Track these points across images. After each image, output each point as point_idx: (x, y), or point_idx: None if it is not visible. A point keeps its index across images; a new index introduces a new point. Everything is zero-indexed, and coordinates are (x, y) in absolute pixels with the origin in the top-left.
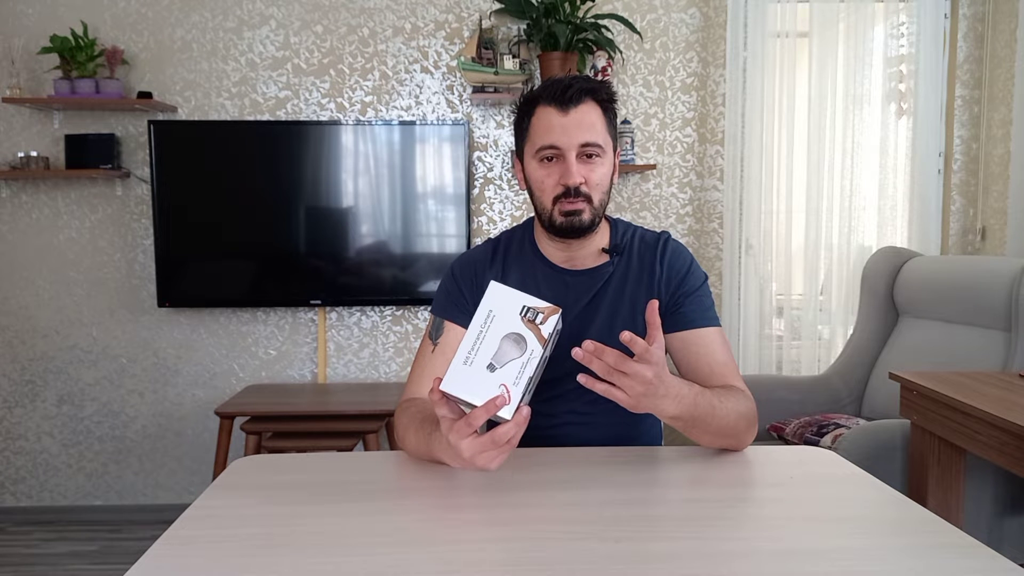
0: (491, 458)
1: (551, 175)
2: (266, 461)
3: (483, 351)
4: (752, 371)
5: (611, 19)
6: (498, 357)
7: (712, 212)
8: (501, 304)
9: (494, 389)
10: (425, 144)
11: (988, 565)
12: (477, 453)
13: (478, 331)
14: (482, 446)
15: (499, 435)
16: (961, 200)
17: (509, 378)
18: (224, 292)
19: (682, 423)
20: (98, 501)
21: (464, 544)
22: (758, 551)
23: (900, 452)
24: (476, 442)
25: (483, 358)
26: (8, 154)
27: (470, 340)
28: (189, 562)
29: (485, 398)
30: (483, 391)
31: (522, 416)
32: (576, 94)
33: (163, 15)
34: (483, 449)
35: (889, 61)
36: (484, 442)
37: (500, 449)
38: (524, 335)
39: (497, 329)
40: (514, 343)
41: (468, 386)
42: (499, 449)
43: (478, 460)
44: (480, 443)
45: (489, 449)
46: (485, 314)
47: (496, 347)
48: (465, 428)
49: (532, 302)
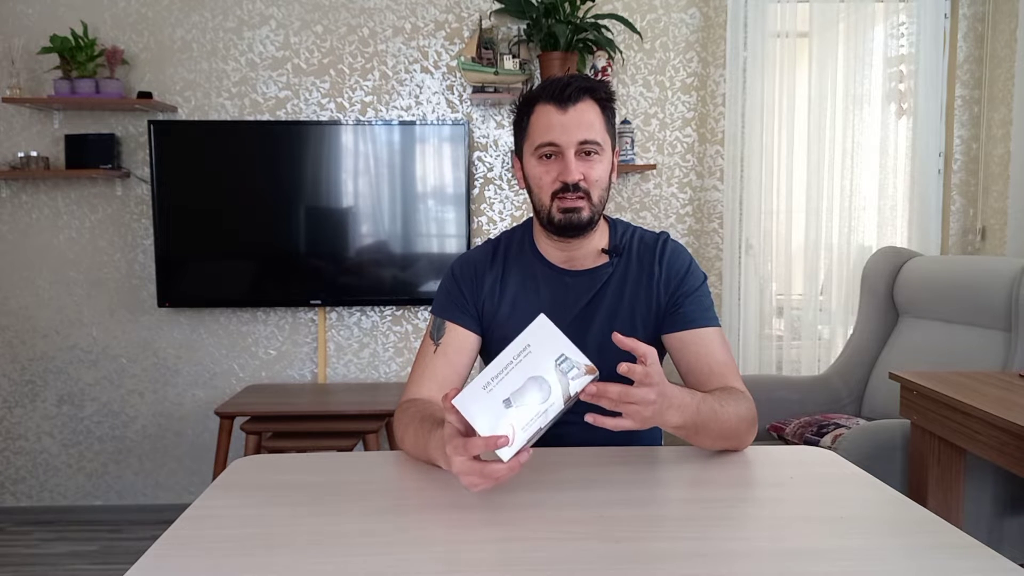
0: (474, 483)
1: (550, 172)
2: (266, 461)
3: (506, 383)
4: (752, 371)
5: (611, 19)
6: (517, 395)
7: (712, 212)
8: (541, 342)
9: (501, 425)
10: (425, 144)
11: (988, 565)
12: (465, 473)
13: (508, 361)
14: (471, 470)
15: (489, 471)
16: (961, 200)
17: (520, 421)
18: (224, 292)
19: (685, 431)
20: (98, 501)
21: (464, 544)
22: (758, 551)
23: (900, 452)
24: (467, 464)
25: (503, 390)
26: (8, 154)
27: (497, 367)
28: (189, 562)
29: (490, 428)
30: (491, 421)
31: (518, 462)
32: (575, 92)
33: (163, 15)
34: (471, 472)
35: (889, 61)
36: (474, 467)
37: (486, 480)
38: (551, 384)
39: (527, 367)
40: (538, 388)
41: (479, 411)
42: (484, 479)
43: (463, 479)
44: (470, 467)
45: (476, 475)
46: (522, 347)
47: (520, 385)
48: (462, 448)
49: (573, 353)
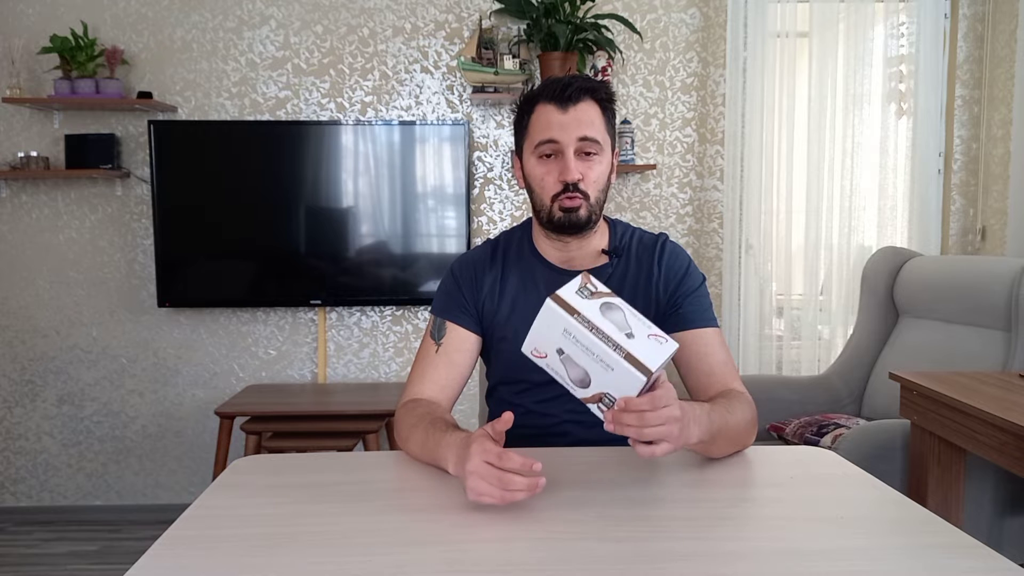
0: (484, 492)
1: (550, 172)
2: (266, 461)
3: (575, 348)
4: (752, 371)
5: (611, 19)
6: (568, 362)
7: (712, 212)
8: (621, 382)
9: (543, 345)
10: (425, 144)
11: (988, 565)
12: (480, 476)
13: (594, 350)
14: (488, 474)
15: (507, 479)
16: (961, 200)
17: (551, 363)
18: (224, 292)
19: (703, 445)
20: (98, 501)
21: (464, 544)
22: (758, 551)
23: (900, 452)
24: (486, 467)
25: (569, 347)
26: (8, 154)
27: (584, 338)
28: (189, 562)
29: (537, 335)
30: (544, 335)
31: (537, 484)
32: (575, 92)
33: (163, 15)
34: (487, 477)
35: (889, 61)
36: (492, 472)
37: (494, 487)
38: (588, 390)
39: (595, 369)
40: (580, 380)
41: (549, 324)
42: (494, 487)
43: (473, 483)
44: (488, 470)
45: (489, 482)
46: (611, 361)
47: (578, 361)
48: (493, 455)
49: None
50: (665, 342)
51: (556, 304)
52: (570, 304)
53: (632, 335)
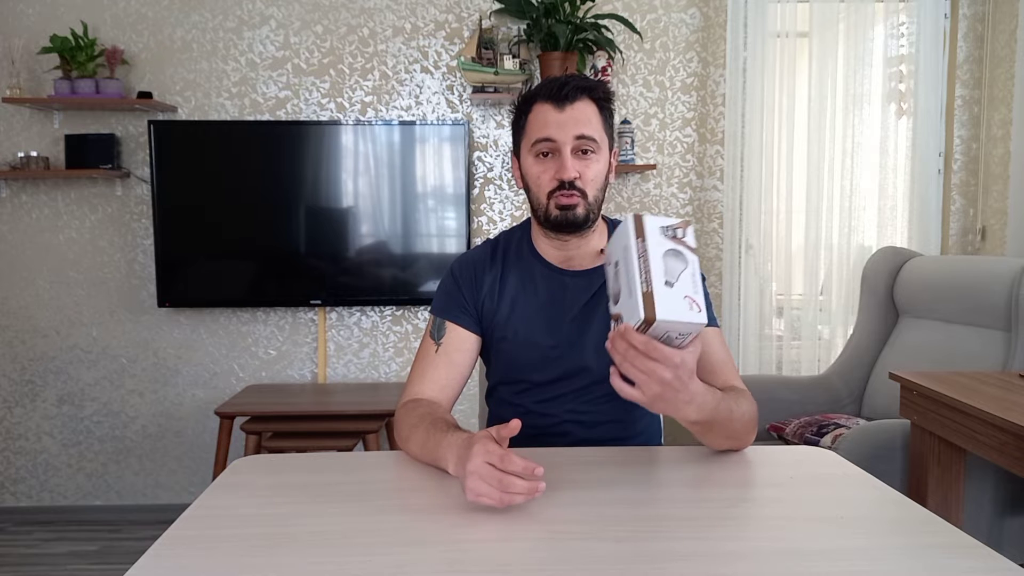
0: (483, 493)
1: (547, 170)
2: (266, 461)
3: (653, 269)
4: (752, 371)
5: (611, 19)
6: (670, 273)
7: (712, 212)
8: (631, 238)
9: (682, 303)
10: (425, 144)
11: (988, 565)
12: (478, 476)
13: (636, 257)
14: (489, 475)
15: (507, 482)
16: (961, 200)
17: (687, 287)
18: (224, 292)
19: (700, 427)
20: (98, 501)
21: (464, 544)
22: (758, 551)
23: (900, 452)
24: (487, 468)
25: (657, 276)
26: (8, 154)
27: (635, 267)
28: (189, 562)
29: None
30: (670, 306)
31: (537, 488)
32: (572, 91)
33: (163, 15)
34: (488, 478)
35: (889, 61)
36: (493, 474)
37: (494, 488)
38: (678, 249)
39: (654, 252)
40: (674, 257)
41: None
42: (493, 488)
43: (469, 479)
44: (489, 471)
45: (489, 483)
46: (633, 248)
47: (662, 266)
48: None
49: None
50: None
51: (632, 223)
52: (644, 230)
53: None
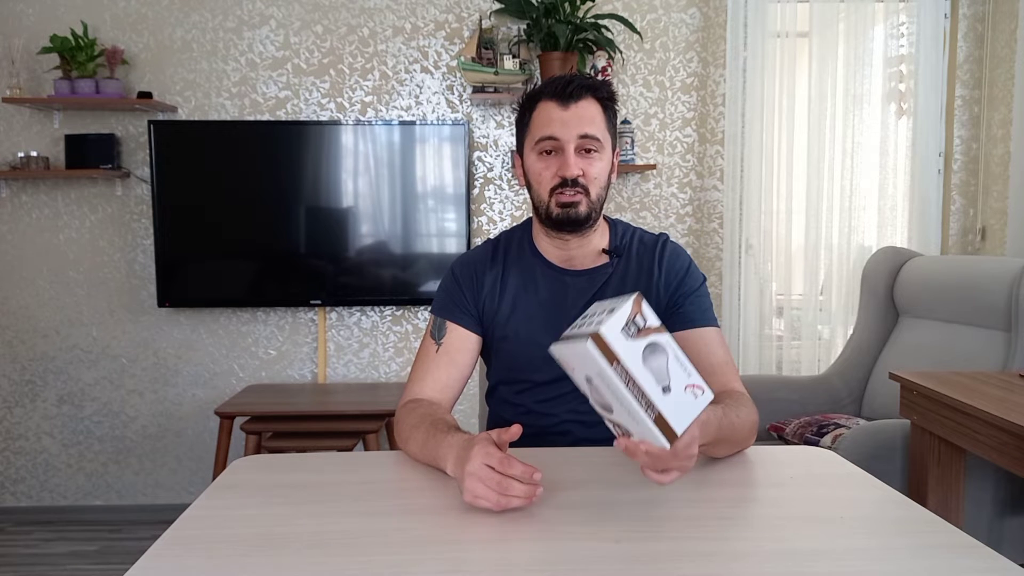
0: (481, 495)
1: (549, 168)
2: (266, 461)
3: (646, 387)
4: (752, 371)
5: (611, 19)
6: (660, 377)
7: (712, 212)
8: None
9: (686, 399)
10: (425, 144)
11: (988, 565)
12: (477, 479)
13: (623, 385)
14: (488, 477)
15: (506, 484)
16: (961, 200)
17: (681, 379)
18: (224, 292)
19: (706, 448)
20: (98, 501)
21: (464, 544)
22: (758, 551)
23: (900, 452)
24: (486, 470)
25: (653, 391)
26: (8, 154)
27: (628, 396)
28: (189, 562)
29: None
30: (680, 411)
31: (535, 492)
32: (577, 90)
33: (163, 15)
34: (487, 480)
35: (889, 61)
36: (492, 476)
37: (492, 491)
38: (651, 342)
39: (634, 367)
40: (652, 354)
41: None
42: (491, 491)
43: (467, 480)
44: (488, 473)
45: (488, 485)
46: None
47: (650, 376)
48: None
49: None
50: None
51: (596, 348)
52: (612, 349)
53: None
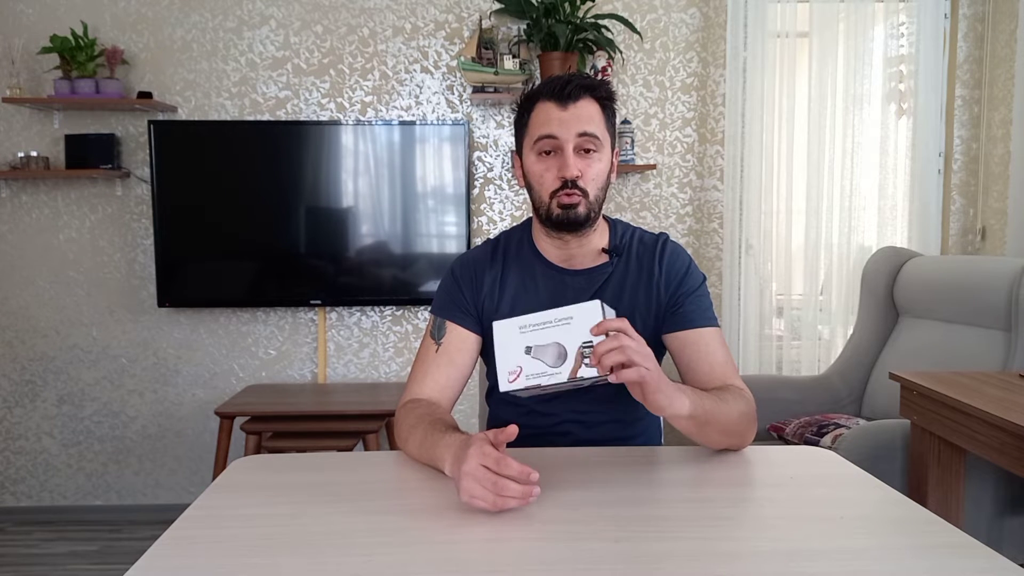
0: (477, 495)
1: (549, 169)
2: (266, 461)
3: (536, 336)
4: (752, 371)
5: (611, 19)
6: (539, 350)
7: (712, 212)
8: (582, 322)
9: (512, 363)
10: (425, 144)
11: (988, 565)
12: (473, 478)
13: (548, 320)
14: (484, 477)
15: (502, 484)
16: (961, 200)
17: (529, 371)
18: (224, 292)
19: (696, 423)
20: (98, 501)
21: (464, 544)
22: (758, 551)
23: (900, 452)
24: (482, 470)
25: (531, 339)
26: (8, 154)
27: (537, 320)
28: (189, 562)
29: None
30: (508, 355)
31: (529, 496)
32: (575, 90)
33: (163, 15)
34: (483, 480)
35: (889, 61)
36: (488, 476)
37: (488, 491)
38: (569, 359)
39: (559, 334)
40: (557, 355)
41: (506, 343)
42: (488, 491)
43: (464, 480)
44: (484, 473)
45: (484, 485)
46: (566, 315)
47: (545, 343)
48: (491, 459)
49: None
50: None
51: (499, 321)
52: (508, 319)
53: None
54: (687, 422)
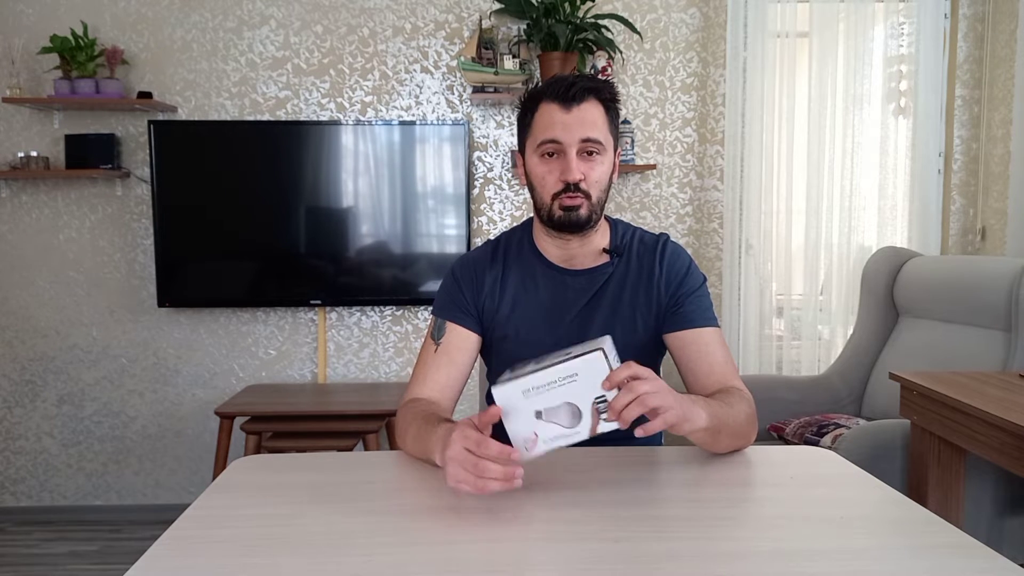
0: (461, 478)
1: (552, 171)
2: (266, 461)
3: (545, 398)
4: (752, 371)
5: (611, 19)
6: (551, 413)
7: (712, 212)
8: (589, 376)
9: (527, 429)
10: (425, 144)
11: (988, 565)
12: (459, 463)
13: (553, 380)
14: (466, 460)
15: (482, 467)
16: (961, 200)
17: (545, 435)
18: (224, 292)
19: (711, 432)
20: (98, 501)
21: (464, 544)
22: (758, 551)
23: (900, 452)
24: (464, 453)
25: (540, 403)
26: (8, 154)
27: (541, 380)
28: (189, 562)
29: (516, 428)
30: (520, 424)
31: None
32: (579, 92)
33: (163, 15)
34: (465, 463)
35: (889, 61)
36: (469, 459)
37: (470, 474)
38: (584, 417)
39: (569, 393)
40: (571, 415)
41: (513, 410)
42: (469, 474)
43: (448, 465)
44: (466, 456)
45: (465, 468)
46: (571, 372)
47: (556, 405)
48: (473, 442)
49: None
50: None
51: (499, 386)
52: (505, 379)
53: (568, 352)
54: (703, 434)
